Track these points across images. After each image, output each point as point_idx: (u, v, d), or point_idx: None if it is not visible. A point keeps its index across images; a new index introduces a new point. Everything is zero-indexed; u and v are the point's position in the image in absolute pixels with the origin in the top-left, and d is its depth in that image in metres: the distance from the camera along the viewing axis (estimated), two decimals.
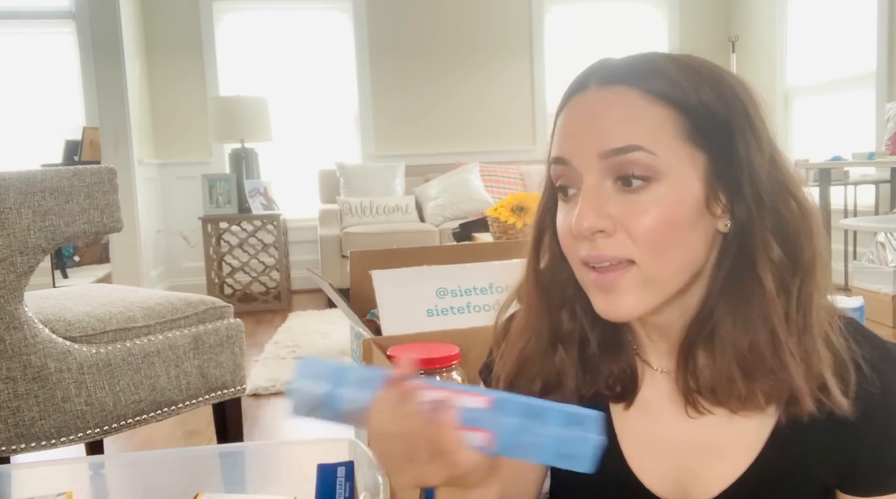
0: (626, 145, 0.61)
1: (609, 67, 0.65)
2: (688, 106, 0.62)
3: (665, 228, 0.61)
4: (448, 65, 5.28)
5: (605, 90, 0.64)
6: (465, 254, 1.85)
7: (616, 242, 0.62)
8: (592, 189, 0.62)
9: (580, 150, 0.63)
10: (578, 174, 0.64)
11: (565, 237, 0.66)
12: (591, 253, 0.63)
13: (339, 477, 1.05)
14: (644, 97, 0.62)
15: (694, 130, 0.62)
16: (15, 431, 1.40)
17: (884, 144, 3.55)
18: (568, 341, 0.71)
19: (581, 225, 0.62)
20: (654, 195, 0.61)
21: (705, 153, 0.63)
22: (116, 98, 4.21)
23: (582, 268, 0.65)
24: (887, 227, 3.33)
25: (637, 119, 0.62)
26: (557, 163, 0.66)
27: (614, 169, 0.62)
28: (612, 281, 0.63)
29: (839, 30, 4.41)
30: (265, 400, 2.70)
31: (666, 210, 0.61)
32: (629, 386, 0.72)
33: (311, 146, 5.22)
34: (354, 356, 1.68)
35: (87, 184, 1.42)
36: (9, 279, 1.35)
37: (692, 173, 0.62)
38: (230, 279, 4.66)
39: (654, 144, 0.61)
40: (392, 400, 0.55)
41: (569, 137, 0.65)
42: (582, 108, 0.65)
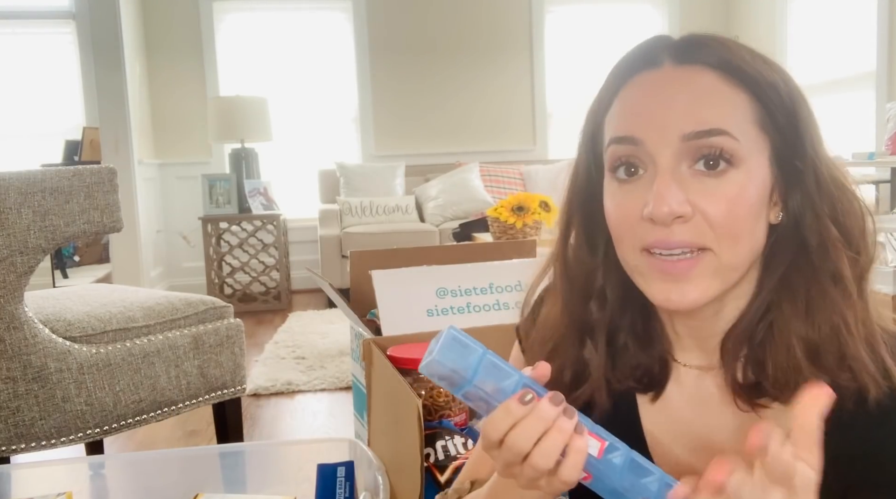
0: (712, 128, 0.59)
1: (682, 44, 0.63)
2: (761, 90, 0.61)
3: (744, 214, 0.60)
4: (448, 65, 5.28)
5: (682, 69, 0.62)
6: (465, 254, 1.86)
7: (692, 228, 0.60)
8: (669, 171, 0.60)
9: (657, 129, 0.60)
10: (650, 155, 0.61)
11: (623, 223, 0.63)
12: (661, 238, 0.60)
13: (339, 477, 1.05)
14: (723, 79, 0.61)
15: (765, 116, 0.61)
16: (15, 431, 1.40)
17: (884, 144, 3.55)
18: (597, 333, 0.70)
19: (662, 209, 0.59)
20: (732, 181, 0.60)
21: (771, 140, 0.62)
22: (116, 98, 4.21)
23: (640, 256, 0.63)
24: (887, 227, 3.33)
25: (718, 101, 0.60)
26: (625, 142, 0.62)
27: (694, 152, 0.60)
28: (683, 270, 0.61)
29: (839, 30, 4.41)
30: (265, 400, 2.70)
31: (744, 196, 0.60)
32: (658, 378, 0.71)
33: (311, 146, 5.22)
34: (354, 356, 1.68)
35: (87, 184, 1.42)
36: (9, 279, 1.35)
37: (761, 161, 0.61)
38: (230, 279, 4.66)
39: (736, 128, 0.60)
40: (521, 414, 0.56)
41: (642, 114, 0.62)
42: (657, 85, 0.62)
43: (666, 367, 0.71)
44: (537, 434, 0.55)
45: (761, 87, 0.61)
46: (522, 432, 0.55)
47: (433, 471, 1.17)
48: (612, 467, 0.57)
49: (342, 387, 2.77)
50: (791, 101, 0.62)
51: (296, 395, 2.75)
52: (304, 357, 3.21)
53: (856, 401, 0.60)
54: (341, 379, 2.84)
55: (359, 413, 1.66)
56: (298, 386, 2.80)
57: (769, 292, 0.64)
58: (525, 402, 0.56)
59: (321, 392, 2.77)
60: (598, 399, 0.70)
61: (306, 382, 2.84)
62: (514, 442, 0.56)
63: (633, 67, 0.64)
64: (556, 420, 0.55)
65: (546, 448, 0.55)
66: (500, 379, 0.57)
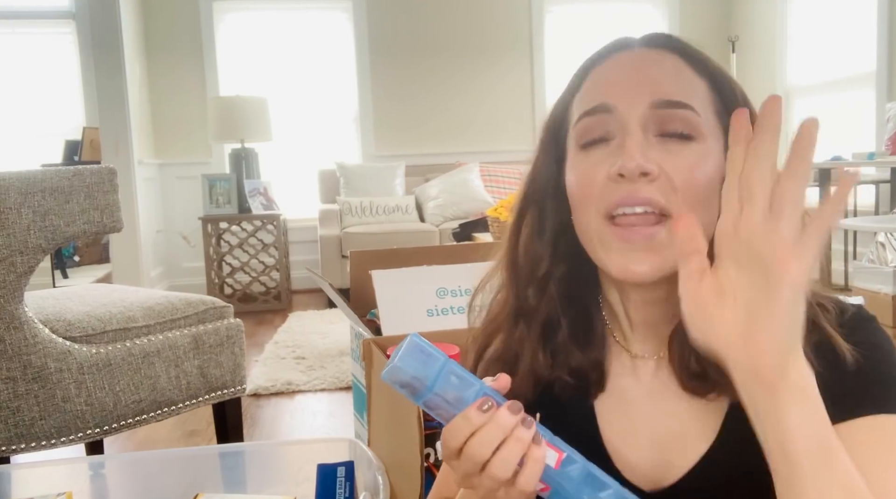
0: (680, 101, 0.64)
1: (651, 34, 0.69)
2: (720, 85, 0.66)
3: (702, 184, 0.63)
4: (448, 65, 5.28)
5: (653, 50, 0.67)
6: (465, 254, 1.85)
7: (656, 187, 0.62)
8: (640, 133, 0.63)
9: (629, 96, 0.64)
10: (620, 122, 0.64)
11: (589, 185, 0.65)
12: (627, 195, 0.62)
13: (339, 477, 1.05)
14: (689, 65, 0.66)
15: (721, 107, 0.66)
16: (15, 431, 1.40)
17: (884, 144, 3.55)
18: (531, 319, 0.72)
19: (630, 163, 0.61)
20: (693, 150, 0.63)
21: (724, 130, 0.65)
22: (116, 98, 4.21)
23: (605, 222, 0.65)
24: (887, 227, 3.33)
25: (686, 81, 0.65)
26: (597, 111, 0.65)
27: (661, 121, 0.64)
28: (645, 237, 0.63)
29: (839, 30, 4.41)
30: (265, 400, 2.70)
31: (703, 167, 0.63)
32: (596, 379, 0.72)
33: (311, 146, 5.22)
34: (354, 356, 1.68)
35: (87, 184, 1.42)
36: (9, 279, 1.35)
37: (718, 145, 0.65)
38: (230, 279, 4.66)
39: (699, 107, 0.64)
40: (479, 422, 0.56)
41: (614, 84, 0.66)
42: (628, 62, 0.67)
43: (602, 371, 0.72)
44: (496, 442, 0.56)
45: (719, 82, 0.67)
46: (481, 440, 0.56)
47: (433, 471, 1.17)
48: (569, 479, 0.57)
49: (342, 387, 2.77)
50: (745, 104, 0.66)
51: (296, 395, 2.75)
52: (304, 357, 3.21)
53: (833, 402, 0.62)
54: (341, 379, 2.84)
55: (359, 413, 1.66)
56: (298, 386, 2.80)
57: None
58: (484, 410, 0.56)
59: (321, 392, 2.77)
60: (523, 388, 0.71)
61: (306, 382, 2.84)
62: (474, 450, 0.56)
63: (603, 52, 0.69)
64: (514, 429, 0.56)
65: (504, 457, 0.55)
66: (460, 388, 0.57)
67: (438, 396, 0.57)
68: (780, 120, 0.53)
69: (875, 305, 3.24)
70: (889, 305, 3.25)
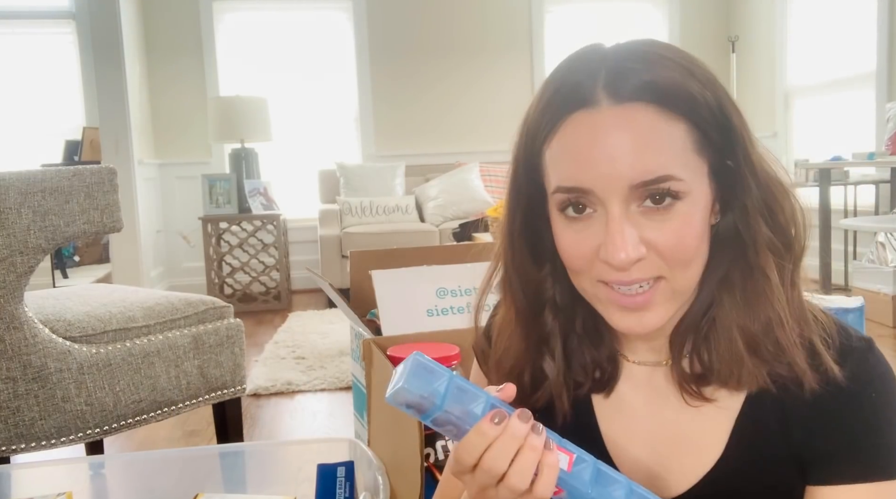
0: (657, 176, 0.60)
1: (615, 78, 0.61)
2: (698, 116, 0.61)
3: (693, 242, 0.62)
4: (448, 65, 5.28)
5: (621, 109, 0.60)
6: (465, 254, 1.85)
7: (646, 264, 0.62)
8: (622, 217, 0.61)
9: (603, 180, 0.60)
10: (599, 201, 0.61)
11: (579, 259, 0.64)
12: (619, 278, 0.62)
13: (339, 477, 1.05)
14: (663, 115, 0.60)
15: (701, 140, 0.62)
16: (15, 431, 1.40)
17: (884, 144, 3.55)
18: (553, 341, 0.72)
19: (619, 256, 0.60)
20: (679, 212, 0.61)
21: (706, 159, 0.63)
22: (116, 98, 4.21)
23: (598, 286, 0.65)
24: (887, 227, 3.33)
25: (662, 144, 0.60)
26: (573, 191, 0.62)
27: (641, 197, 0.61)
28: (641, 303, 0.63)
29: (839, 30, 4.41)
30: (265, 400, 2.70)
31: (691, 224, 0.61)
32: (610, 374, 0.72)
33: (311, 146, 5.22)
34: (354, 356, 1.68)
35: (87, 184, 1.42)
36: (9, 279, 1.35)
37: (702, 184, 0.63)
38: (230, 279, 4.66)
39: (680, 168, 0.60)
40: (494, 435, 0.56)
41: (586, 165, 0.61)
42: (597, 131, 0.60)
43: (616, 364, 0.73)
44: (511, 453, 0.55)
45: (695, 110, 0.61)
46: (497, 452, 0.56)
47: (433, 471, 1.17)
48: (581, 479, 0.57)
49: (342, 387, 2.77)
50: (720, 110, 0.62)
51: (296, 395, 2.75)
52: (304, 357, 3.20)
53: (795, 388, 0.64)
54: (341, 379, 2.84)
55: (359, 413, 1.66)
56: (298, 386, 2.80)
57: (711, 288, 0.67)
58: (497, 422, 0.56)
59: (321, 392, 2.77)
60: (559, 405, 0.71)
61: (306, 382, 2.84)
62: (490, 464, 0.56)
63: (568, 104, 0.62)
64: (527, 437, 0.56)
65: (521, 467, 0.55)
66: (468, 402, 0.57)
67: (447, 412, 0.56)
68: None
69: (875, 305, 3.24)
70: (889, 305, 3.25)
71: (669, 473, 0.70)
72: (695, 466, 0.69)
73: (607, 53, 0.63)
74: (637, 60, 0.61)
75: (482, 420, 0.56)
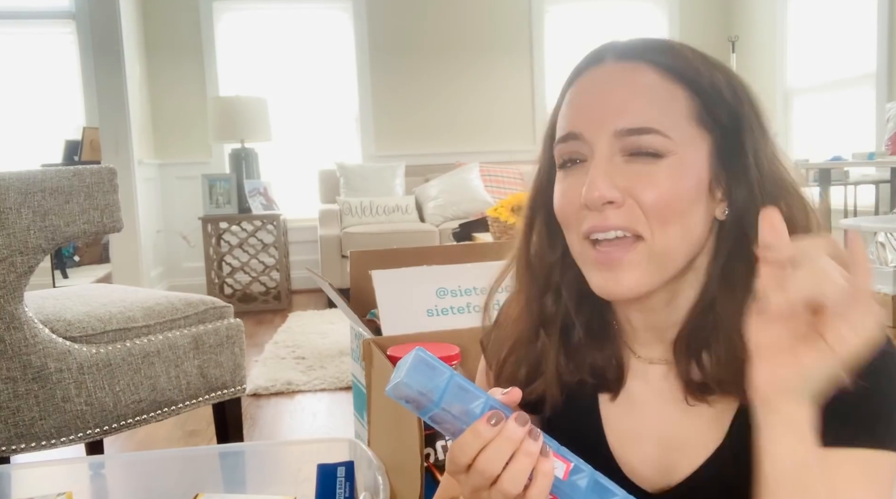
0: (641, 127, 0.62)
1: (626, 43, 0.66)
2: (700, 87, 0.64)
3: (672, 199, 0.62)
4: (448, 65, 5.28)
5: (621, 64, 0.65)
6: (465, 254, 1.85)
7: (624, 212, 0.62)
8: (604, 160, 0.63)
9: (593, 124, 0.63)
10: (588, 147, 0.64)
11: (566, 209, 0.66)
12: (597, 223, 0.63)
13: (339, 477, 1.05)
14: (660, 74, 0.64)
15: (704, 112, 0.64)
16: (15, 431, 1.40)
17: (884, 144, 3.55)
18: (550, 326, 0.72)
19: (592, 194, 0.62)
20: (662, 168, 0.62)
21: (711, 136, 0.64)
22: (116, 98, 4.21)
23: (583, 244, 0.66)
24: (887, 227, 3.33)
25: (653, 98, 0.63)
26: (567, 139, 0.65)
27: (626, 146, 0.63)
28: (616, 258, 0.63)
29: (839, 30, 4.41)
30: (265, 400, 2.70)
31: (673, 182, 0.62)
32: (615, 376, 0.72)
33: (311, 146, 5.22)
34: (354, 356, 1.68)
35: (87, 184, 1.42)
36: (9, 279, 1.35)
37: (698, 154, 0.64)
38: (230, 279, 4.66)
39: (667, 125, 0.62)
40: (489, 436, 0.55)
41: (581, 111, 0.65)
42: (596, 83, 0.66)
43: (621, 366, 0.72)
44: (506, 456, 0.55)
45: (700, 85, 0.64)
46: (492, 454, 0.55)
47: (433, 471, 1.17)
48: (577, 489, 0.57)
49: (342, 387, 2.77)
50: (735, 101, 0.65)
51: (296, 395, 2.75)
52: (304, 357, 3.20)
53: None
54: (341, 379, 2.84)
55: (359, 413, 1.66)
56: (298, 386, 2.80)
57: (714, 287, 0.66)
58: (493, 424, 0.55)
59: (321, 392, 2.77)
60: (551, 393, 0.71)
61: (306, 382, 2.84)
62: (484, 465, 0.55)
63: (582, 65, 0.68)
64: (523, 442, 0.55)
65: (515, 471, 0.55)
66: (467, 401, 0.56)
67: (445, 410, 0.56)
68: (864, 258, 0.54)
69: None
70: (889, 305, 3.25)
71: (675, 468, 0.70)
72: (696, 455, 0.68)
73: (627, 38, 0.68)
74: (651, 40, 0.67)
75: (479, 420, 0.56)
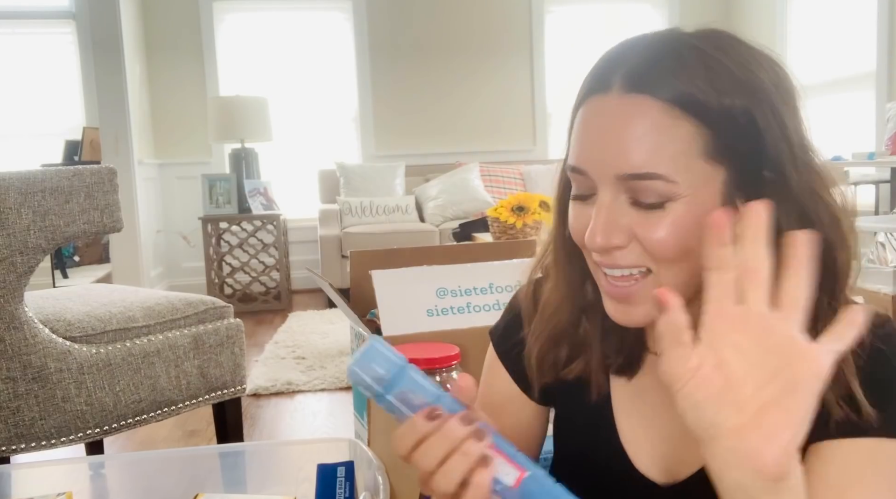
0: (645, 173, 0.59)
1: (634, 67, 0.60)
2: (710, 118, 0.59)
3: (678, 243, 0.60)
4: (448, 65, 5.28)
5: (628, 98, 0.60)
6: (465, 254, 1.85)
7: (630, 252, 0.62)
8: (606, 205, 0.61)
9: (597, 164, 0.61)
10: (594, 184, 0.63)
11: (576, 237, 0.66)
12: (604, 261, 0.63)
13: (339, 477, 1.05)
14: (669, 112, 0.59)
15: (716, 145, 0.59)
16: (15, 431, 1.40)
17: (884, 144, 3.55)
18: (592, 312, 0.72)
19: (594, 242, 0.61)
20: (667, 214, 0.60)
21: (724, 167, 0.60)
22: (116, 98, 4.21)
23: (596, 270, 0.66)
24: (887, 227, 3.33)
25: (659, 141, 0.59)
26: (575, 172, 0.64)
27: (630, 190, 0.60)
28: (625, 292, 0.63)
29: (839, 30, 4.41)
30: (265, 400, 2.70)
31: (679, 227, 0.60)
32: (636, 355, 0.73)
33: (311, 146, 5.22)
34: None
35: (87, 184, 1.42)
36: (9, 279, 1.35)
37: (710, 191, 0.60)
38: (230, 279, 4.66)
39: (674, 170, 0.59)
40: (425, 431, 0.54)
41: (586, 147, 0.63)
42: (601, 117, 0.61)
43: (642, 347, 0.73)
44: (441, 454, 0.53)
45: (710, 116, 0.59)
46: (426, 450, 0.54)
47: None
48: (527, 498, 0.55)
49: (342, 387, 2.77)
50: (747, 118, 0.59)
51: (296, 395, 2.75)
52: (304, 357, 3.20)
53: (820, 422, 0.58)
54: (341, 379, 2.84)
55: (359, 413, 1.66)
56: (298, 386, 2.80)
57: None
58: (432, 418, 0.54)
59: (321, 392, 2.77)
60: (596, 378, 0.72)
61: (306, 382, 2.84)
62: (419, 459, 0.54)
63: (590, 87, 0.64)
64: (463, 442, 0.53)
65: (447, 471, 0.53)
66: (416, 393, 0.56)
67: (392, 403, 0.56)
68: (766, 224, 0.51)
69: (875, 305, 3.24)
70: (889, 305, 3.24)
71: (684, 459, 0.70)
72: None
73: (639, 42, 0.63)
74: (663, 55, 0.60)
75: (417, 413, 0.55)
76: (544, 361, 0.75)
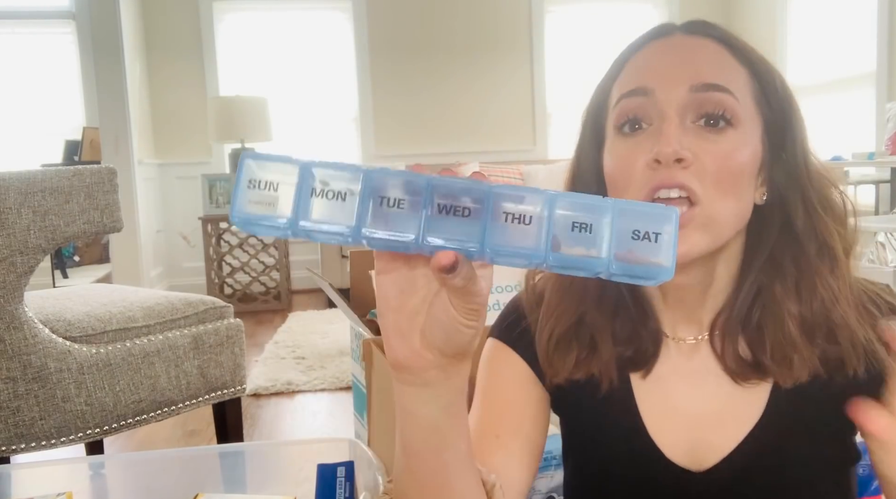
0: (719, 84, 0.64)
1: (690, 22, 0.70)
2: (759, 71, 0.67)
3: (735, 171, 0.63)
4: (448, 65, 5.28)
5: (692, 37, 0.68)
6: None
7: (690, 173, 0.63)
8: (675, 122, 0.64)
9: (668, 79, 0.65)
10: (658, 107, 0.65)
11: (627, 170, 0.66)
12: (665, 179, 0.63)
13: (339, 477, 1.05)
14: (729, 52, 0.67)
15: (761, 94, 0.67)
16: (15, 431, 1.40)
17: (884, 144, 3.55)
18: (598, 305, 0.72)
19: (667, 148, 0.62)
20: (729, 139, 0.64)
21: (764, 118, 0.67)
22: (116, 98, 4.21)
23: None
24: (887, 227, 3.33)
25: (725, 67, 0.66)
26: (636, 94, 0.66)
27: (700, 105, 0.64)
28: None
29: (839, 30, 4.41)
30: (265, 400, 2.70)
31: (737, 155, 0.64)
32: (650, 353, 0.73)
33: (311, 146, 5.22)
34: (354, 356, 1.68)
35: (87, 184, 1.42)
36: (9, 279, 1.35)
37: (756, 130, 0.66)
38: (230, 279, 4.66)
39: (738, 92, 0.64)
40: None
41: (654, 68, 0.67)
42: (669, 47, 0.68)
43: (658, 344, 0.73)
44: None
45: (759, 70, 0.67)
46: None
47: None
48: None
49: (342, 387, 2.77)
50: (784, 94, 0.68)
51: (296, 395, 2.75)
52: (304, 357, 3.20)
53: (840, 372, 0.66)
54: (341, 379, 2.84)
55: (359, 413, 1.66)
56: (298, 386, 2.80)
57: (758, 274, 0.68)
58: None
59: (321, 392, 2.77)
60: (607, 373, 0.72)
61: (306, 382, 2.84)
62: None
63: (644, 39, 0.70)
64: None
65: None
66: (345, 180, 0.42)
67: (316, 222, 0.41)
68: None
69: None
70: None
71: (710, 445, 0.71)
72: (735, 432, 0.70)
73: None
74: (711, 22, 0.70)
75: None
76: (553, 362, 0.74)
